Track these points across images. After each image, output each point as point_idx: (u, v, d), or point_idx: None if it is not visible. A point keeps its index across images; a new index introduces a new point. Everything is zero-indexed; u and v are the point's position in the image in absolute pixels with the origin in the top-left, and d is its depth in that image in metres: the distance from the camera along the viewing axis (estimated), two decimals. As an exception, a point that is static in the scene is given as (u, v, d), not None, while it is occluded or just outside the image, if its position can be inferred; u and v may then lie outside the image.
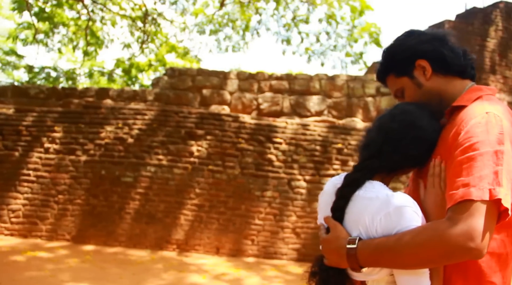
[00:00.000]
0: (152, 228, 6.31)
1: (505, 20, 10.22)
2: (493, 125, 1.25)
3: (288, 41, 13.25)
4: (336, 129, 7.02)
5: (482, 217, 1.16)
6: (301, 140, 6.78)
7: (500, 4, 10.21)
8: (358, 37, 12.94)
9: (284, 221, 6.55)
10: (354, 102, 8.72)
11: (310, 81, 8.77)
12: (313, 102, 8.64)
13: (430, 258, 1.22)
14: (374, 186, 1.34)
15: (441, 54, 1.44)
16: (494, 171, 1.18)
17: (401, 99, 1.54)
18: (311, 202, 6.62)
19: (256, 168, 6.57)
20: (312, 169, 6.71)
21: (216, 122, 6.64)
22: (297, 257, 6.52)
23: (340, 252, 1.31)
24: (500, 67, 9.90)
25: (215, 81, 8.74)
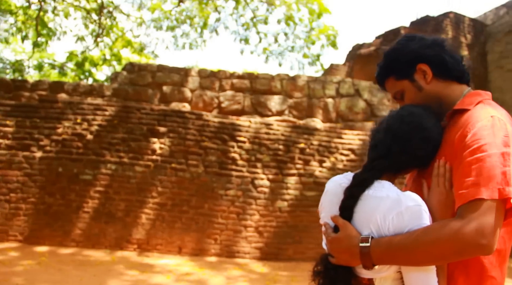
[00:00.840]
0: (112, 228, 6.11)
1: (455, 29, 10.76)
2: (499, 128, 1.31)
3: (246, 41, 13.25)
4: (299, 129, 7.10)
5: (492, 215, 1.22)
6: (264, 139, 6.79)
7: (450, 14, 10.74)
8: (316, 39, 13.16)
9: (247, 220, 6.54)
10: (315, 102, 8.85)
11: (271, 80, 8.81)
12: (274, 102, 8.69)
13: (444, 255, 1.26)
14: (383, 186, 1.36)
15: (442, 59, 1.49)
16: (502, 171, 1.24)
17: (400, 101, 1.58)
18: (274, 201, 6.66)
19: (220, 167, 6.52)
20: (275, 168, 6.74)
21: (179, 119, 6.53)
22: (260, 256, 6.53)
23: (353, 251, 1.32)
24: (450, 73, 10.39)
25: (175, 78, 8.58)
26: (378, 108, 9.17)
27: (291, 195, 6.77)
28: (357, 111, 9.00)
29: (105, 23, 11.68)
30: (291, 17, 12.63)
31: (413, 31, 10.08)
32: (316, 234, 6.84)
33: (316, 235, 6.84)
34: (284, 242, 6.67)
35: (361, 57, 10.08)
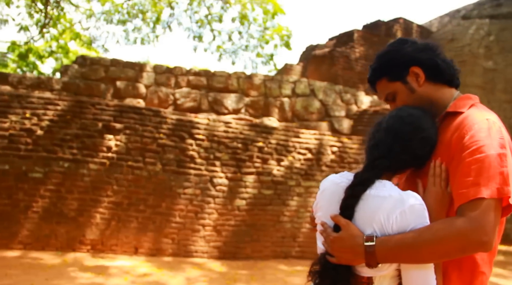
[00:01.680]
0: (64, 228, 5.81)
1: (404, 34, 11.20)
2: (494, 131, 1.37)
3: (200, 38, 13.11)
4: (257, 127, 7.10)
5: (492, 213, 1.28)
6: (223, 137, 6.73)
7: (400, 20, 11.18)
8: (270, 39, 13.24)
9: (206, 218, 6.46)
10: (271, 101, 8.90)
11: (228, 78, 8.76)
12: (230, 100, 8.65)
13: (448, 252, 1.30)
14: (385, 185, 1.39)
15: (435, 63, 1.55)
16: (499, 172, 1.30)
17: (391, 103, 1.62)
18: (233, 200, 6.62)
19: (178, 165, 6.39)
20: (233, 167, 6.71)
21: (136, 116, 6.33)
22: (218, 255, 6.47)
23: (357, 250, 1.33)
24: (399, 76, 10.80)
25: (130, 73, 8.32)
26: (332, 108, 9.37)
27: (250, 193, 6.76)
28: (312, 111, 9.14)
29: (52, 13, 11.11)
30: (246, 16, 12.64)
31: (366, 34, 10.40)
32: (273, 233, 6.88)
33: (273, 233, 6.88)
34: (242, 240, 6.65)
35: (316, 57, 10.25)
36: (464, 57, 11.20)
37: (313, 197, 7.23)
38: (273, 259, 6.83)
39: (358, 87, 9.94)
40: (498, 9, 11.33)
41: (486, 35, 11.08)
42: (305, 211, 7.15)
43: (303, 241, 7.12)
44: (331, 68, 9.79)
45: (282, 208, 6.98)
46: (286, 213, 7.00)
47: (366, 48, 10.27)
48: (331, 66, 9.80)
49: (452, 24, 11.89)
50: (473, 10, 11.72)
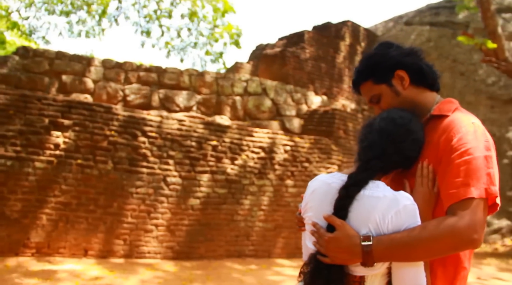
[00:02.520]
0: (6, 231, 5.44)
1: (352, 37, 11.53)
2: (480, 134, 1.44)
3: (148, 33, 12.76)
4: (211, 126, 7.03)
5: (481, 212, 1.35)
6: (176, 135, 6.60)
7: (348, 23, 11.49)
8: (219, 37, 13.15)
9: (159, 218, 6.30)
10: (223, 100, 8.84)
11: (180, 75, 8.60)
12: (182, 97, 8.49)
13: (441, 250, 1.35)
14: (378, 186, 1.41)
15: (420, 67, 1.60)
16: (486, 173, 1.37)
17: (376, 105, 1.66)
18: (186, 199, 6.51)
19: (130, 164, 6.18)
20: (187, 165, 6.59)
21: (86, 112, 6.04)
22: (171, 255, 6.34)
23: (354, 250, 1.35)
24: (347, 77, 11.12)
25: (77, 67, 7.94)
26: (283, 107, 9.46)
27: (204, 192, 6.68)
28: (264, 110, 9.18)
29: (-13, 1, 10.37)
30: (195, 13, 12.47)
31: (316, 35, 10.59)
32: (227, 232, 6.84)
33: (227, 232, 6.84)
34: (196, 240, 6.56)
35: (267, 57, 10.30)
36: (407, 61, 11.72)
37: (266, 196, 7.27)
38: (227, 258, 6.80)
39: (308, 87, 10.11)
40: (436, 18, 11.96)
41: (426, 41, 11.66)
42: (258, 210, 7.17)
43: (257, 239, 7.14)
44: (282, 68, 9.88)
45: (236, 207, 6.96)
46: (240, 212, 6.99)
47: (316, 49, 10.46)
48: (282, 66, 9.89)
49: (396, 29, 12.40)
50: (414, 17, 12.29)
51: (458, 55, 11.17)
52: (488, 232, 9.77)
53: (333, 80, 10.77)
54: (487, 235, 9.73)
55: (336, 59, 10.92)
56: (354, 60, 11.54)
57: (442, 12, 11.93)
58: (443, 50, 11.35)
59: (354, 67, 11.43)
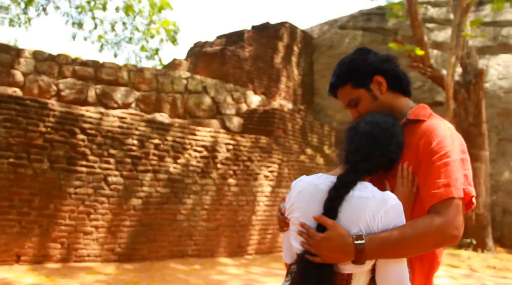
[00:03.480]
0: None
1: (289, 38, 11.77)
2: (455, 138, 1.57)
3: (80, 25, 12.14)
4: (154, 124, 6.85)
5: (460, 210, 1.46)
6: (117, 133, 6.36)
7: (286, 24, 11.71)
8: (155, 33, 12.83)
9: (99, 219, 6.03)
10: (163, 97, 8.65)
11: (118, 71, 8.29)
12: (120, 94, 8.19)
13: (427, 246, 1.45)
14: (366, 187, 1.47)
15: (397, 74, 1.70)
16: (464, 174, 1.49)
17: (353, 108, 1.72)
18: (128, 199, 6.29)
19: (68, 162, 5.85)
20: (129, 164, 6.38)
21: (19, 107, 5.63)
22: (112, 258, 6.10)
23: (347, 249, 1.40)
24: (285, 77, 11.34)
25: (4, 58, 7.37)
26: (223, 106, 9.45)
27: (146, 192, 6.49)
28: (204, 108, 9.12)
29: None
30: (131, 7, 12.08)
31: (255, 35, 10.68)
32: (170, 232, 6.72)
33: (170, 233, 6.71)
34: (138, 241, 6.36)
35: (206, 55, 10.23)
36: (341, 63, 12.19)
37: (209, 195, 7.22)
38: (170, 259, 6.67)
39: (247, 86, 10.18)
40: (368, 23, 12.56)
41: (359, 45, 12.20)
42: (201, 209, 7.11)
43: (199, 239, 7.07)
44: (222, 66, 9.86)
45: (178, 207, 6.84)
46: (183, 212, 6.88)
47: (255, 48, 10.55)
48: (222, 64, 9.86)
49: (330, 32, 12.83)
50: (348, 21, 12.81)
51: (388, 60, 11.80)
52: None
53: (271, 80, 10.93)
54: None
55: (274, 59, 11.09)
56: (291, 61, 11.80)
57: (374, 18, 12.54)
58: (374, 55, 11.92)
59: (291, 67, 11.69)
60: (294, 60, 11.87)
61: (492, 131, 10.13)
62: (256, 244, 7.87)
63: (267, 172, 8.18)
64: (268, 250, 8.07)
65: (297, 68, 11.95)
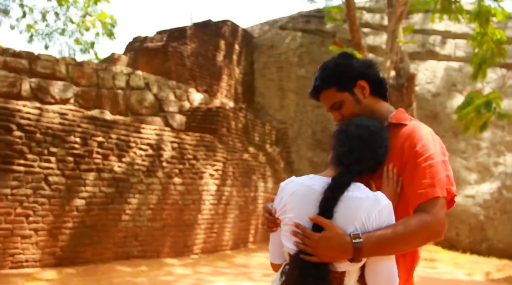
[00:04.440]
0: None
1: (231, 36, 11.78)
2: (437, 141, 1.69)
3: (5, 12, 11.31)
4: (97, 121, 6.57)
5: (444, 208, 1.59)
6: (58, 130, 6.02)
7: (228, 22, 11.71)
8: (91, 25, 12.27)
9: (39, 222, 5.67)
10: (104, 93, 8.31)
11: (55, 64, 7.83)
12: (58, 88, 7.75)
13: (417, 242, 1.57)
14: (359, 187, 1.55)
15: (379, 79, 1.80)
16: (446, 175, 1.61)
17: (336, 111, 1.79)
18: (71, 199, 5.98)
19: (3, 161, 5.45)
20: (71, 163, 6.06)
21: None
22: (53, 262, 5.77)
23: (345, 247, 1.45)
24: (226, 75, 11.34)
25: None
26: (166, 103, 9.27)
27: (90, 192, 6.21)
28: (147, 105, 8.89)
29: None
30: (65, -4, 11.44)
31: (197, 32, 10.56)
32: (115, 233, 6.49)
33: (115, 234, 6.49)
34: (82, 244, 6.07)
35: (148, 50, 9.97)
36: (282, 63, 12.41)
37: (154, 194, 7.06)
38: (115, 261, 6.44)
39: (189, 83, 10.05)
40: (308, 25, 12.88)
41: (299, 46, 12.48)
42: (147, 209, 6.93)
43: (145, 239, 6.89)
44: (165, 63, 9.65)
45: (123, 207, 6.62)
46: (128, 212, 6.67)
47: (197, 45, 10.44)
48: (164, 61, 9.66)
49: (271, 32, 13.00)
50: (288, 23, 13.05)
51: (326, 62, 12.17)
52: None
53: (213, 78, 10.88)
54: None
55: (216, 57, 11.05)
56: (232, 59, 11.82)
57: (313, 20, 12.88)
58: (314, 56, 12.26)
59: (232, 65, 11.71)
60: (235, 59, 11.89)
61: (421, 131, 10.83)
62: (202, 243, 7.81)
63: (212, 170, 8.14)
64: (214, 249, 8.04)
65: (238, 67, 11.99)
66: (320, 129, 11.89)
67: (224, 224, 8.30)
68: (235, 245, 8.58)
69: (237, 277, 6.46)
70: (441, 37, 12.06)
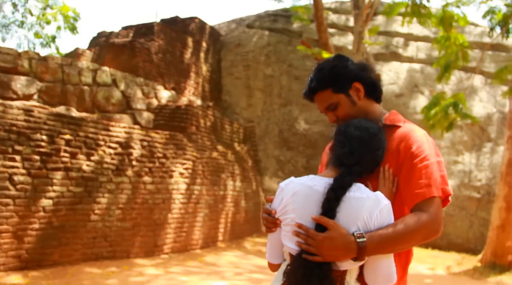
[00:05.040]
0: None
1: (198, 34, 11.67)
2: (431, 143, 1.75)
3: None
4: (64, 118, 6.35)
5: (440, 207, 1.66)
6: (23, 127, 5.77)
7: (196, 19, 11.59)
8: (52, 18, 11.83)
9: (3, 224, 5.42)
10: (69, 89, 8.03)
11: (17, 58, 7.50)
12: (20, 84, 7.43)
13: (416, 240, 1.62)
14: (360, 187, 1.58)
15: (373, 82, 1.84)
16: (440, 175, 1.68)
17: (330, 112, 1.82)
18: (37, 200, 5.75)
19: (-35, 160, 5.18)
20: (38, 162, 5.83)
21: None
22: (18, 265, 5.53)
23: (349, 247, 1.48)
24: (194, 73, 11.23)
25: None
26: (134, 100, 9.09)
27: (57, 192, 5.99)
28: (114, 102, 8.68)
29: None
30: (24, -13, 10.97)
31: (165, 28, 10.40)
32: (84, 234, 6.30)
33: (83, 234, 6.30)
34: (49, 245, 5.85)
35: (114, 46, 9.72)
36: (249, 62, 12.41)
37: (124, 193, 6.91)
38: (84, 262, 6.25)
39: (157, 80, 9.89)
40: (275, 24, 12.95)
41: (266, 45, 12.53)
42: (116, 209, 6.77)
43: (115, 240, 6.73)
44: (132, 59, 9.44)
45: (92, 206, 6.43)
46: (97, 212, 6.49)
47: (165, 42, 10.28)
48: (131, 57, 9.45)
49: (238, 30, 12.98)
50: (255, 21, 13.06)
51: (293, 61, 12.29)
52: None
53: (181, 75, 10.75)
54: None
55: (184, 54, 10.92)
56: (200, 57, 11.72)
57: (280, 19, 12.95)
58: (281, 55, 12.35)
59: (200, 63, 11.61)
60: (202, 56, 11.80)
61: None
62: (172, 243, 7.71)
63: (182, 169, 8.04)
64: (184, 248, 7.96)
65: (206, 64, 11.91)
66: (286, 128, 11.99)
67: (194, 223, 8.23)
68: (205, 244, 8.52)
69: (209, 276, 6.43)
70: (403, 39, 12.42)
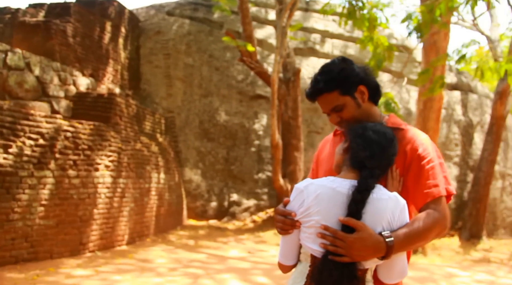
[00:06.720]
0: None
1: (117, 18, 11.07)
2: (433, 145, 1.92)
3: None
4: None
5: (446, 206, 1.83)
6: None
7: (114, 3, 10.97)
8: None
9: None
10: (-25, 72, 7.15)
11: None
12: None
13: (431, 238, 1.77)
14: (380, 189, 1.69)
15: (377, 86, 1.96)
16: (444, 176, 1.85)
17: (334, 113, 1.89)
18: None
19: None
20: (-51, 155, 5.13)
21: None
22: None
23: (379, 246, 1.58)
24: (112, 60, 10.64)
25: None
26: (50, 87, 8.38)
27: (-28, 189, 5.34)
28: (28, 88, 7.92)
29: None
30: None
31: (82, 10, 9.67)
32: (1, 235, 5.71)
33: (2, 236, 5.72)
34: (-36, 249, 5.21)
35: (25, 26, 8.82)
36: (169, 50, 12.06)
37: (47, 189, 6.37)
38: (2, 267, 5.66)
39: (75, 66, 9.20)
40: (195, 13, 12.70)
41: (187, 34, 12.26)
42: (38, 205, 6.21)
43: (37, 240, 6.19)
44: (47, 42, 8.64)
45: (11, 204, 5.84)
46: (17, 210, 5.90)
47: (82, 25, 9.56)
48: (46, 39, 8.64)
49: (158, 17, 12.51)
50: (175, 9, 12.69)
51: (214, 51, 12.18)
52: (239, 211, 11.17)
53: (99, 61, 10.12)
54: (239, 213, 11.12)
55: (102, 39, 10.28)
56: (118, 43, 11.12)
57: (200, 8, 12.73)
58: (202, 45, 12.16)
59: (118, 49, 11.01)
60: (121, 42, 11.21)
61: (304, 124, 11.53)
62: (98, 240, 7.28)
63: (107, 162, 7.61)
64: (110, 245, 7.56)
65: (125, 51, 11.33)
66: (207, 119, 11.90)
67: (119, 218, 7.85)
68: (131, 239, 8.18)
69: (143, 274, 6.20)
70: (320, 36, 12.94)
